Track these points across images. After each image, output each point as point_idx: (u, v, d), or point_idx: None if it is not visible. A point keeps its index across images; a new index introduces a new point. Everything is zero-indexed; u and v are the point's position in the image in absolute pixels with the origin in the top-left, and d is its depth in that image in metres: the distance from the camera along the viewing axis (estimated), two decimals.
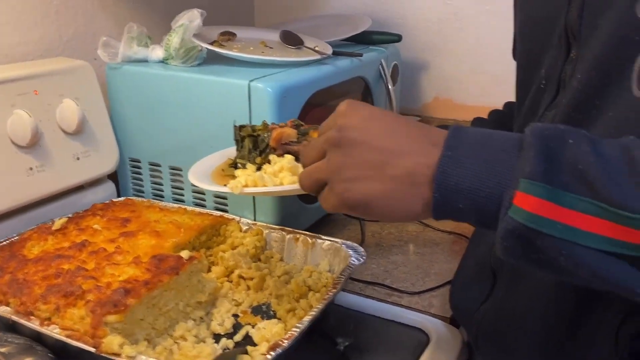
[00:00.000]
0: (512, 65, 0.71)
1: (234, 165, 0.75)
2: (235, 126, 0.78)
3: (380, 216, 0.48)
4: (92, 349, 0.59)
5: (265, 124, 0.77)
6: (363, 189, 0.47)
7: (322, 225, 1.02)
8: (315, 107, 0.95)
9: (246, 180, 0.66)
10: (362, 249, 0.79)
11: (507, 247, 0.42)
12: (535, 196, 0.39)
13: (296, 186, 0.66)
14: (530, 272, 0.58)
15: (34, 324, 0.63)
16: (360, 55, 1.06)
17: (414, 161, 0.45)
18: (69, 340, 0.60)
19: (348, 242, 0.81)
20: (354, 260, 0.77)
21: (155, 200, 0.95)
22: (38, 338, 0.64)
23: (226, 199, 0.93)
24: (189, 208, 0.91)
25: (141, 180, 1.00)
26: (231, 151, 0.78)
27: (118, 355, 0.58)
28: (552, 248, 0.40)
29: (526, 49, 0.67)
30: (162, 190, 0.99)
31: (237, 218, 0.89)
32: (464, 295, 0.71)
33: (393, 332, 0.76)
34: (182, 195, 0.97)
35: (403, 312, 0.78)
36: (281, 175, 0.66)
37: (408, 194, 0.46)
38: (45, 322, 0.63)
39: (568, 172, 0.40)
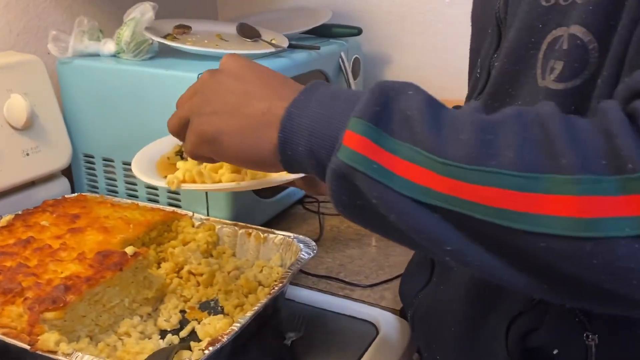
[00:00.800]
0: None
1: (180, 153, 0.74)
2: None
3: (229, 152, 0.49)
4: (27, 347, 0.58)
5: None
6: (217, 123, 0.49)
7: (280, 220, 1.02)
8: None
9: (184, 175, 0.65)
10: (313, 243, 0.79)
11: (333, 191, 0.42)
12: (359, 134, 0.40)
13: (234, 184, 0.66)
14: None
15: None
16: (318, 48, 1.06)
17: (270, 103, 0.47)
18: (4, 338, 0.59)
19: (300, 237, 0.81)
20: (304, 255, 0.77)
21: (108, 196, 0.94)
22: None
23: (179, 194, 0.93)
24: (142, 204, 0.90)
25: (95, 176, 0.99)
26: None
27: (54, 352, 0.57)
28: (367, 190, 0.39)
29: (474, 39, 0.68)
30: (116, 186, 0.97)
31: (190, 213, 0.88)
32: (408, 281, 0.72)
33: (343, 326, 0.76)
34: (136, 190, 0.96)
35: (353, 305, 0.78)
36: (220, 172, 0.65)
37: (257, 132, 0.47)
38: None
39: (396, 118, 0.40)
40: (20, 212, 0.83)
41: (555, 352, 0.50)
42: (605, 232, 0.33)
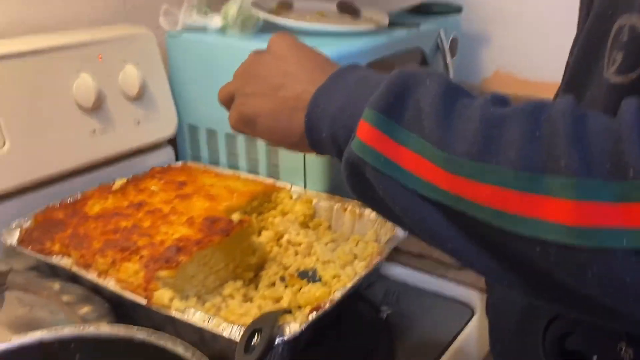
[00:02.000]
0: None
1: None
2: None
3: (264, 133, 0.52)
4: (143, 301, 0.62)
5: None
6: (256, 104, 0.51)
7: None
8: None
9: None
10: None
11: (347, 180, 0.42)
12: (371, 124, 0.39)
13: None
14: None
15: (91, 276, 0.67)
16: (417, 25, 1.05)
17: (304, 88, 0.47)
18: (122, 292, 0.64)
19: None
20: (399, 231, 0.77)
21: (211, 166, 0.98)
22: (96, 289, 0.68)
23: (278, 166, 0.95)
24: (243, 175, 0.93)
25: (199, 146, 1.03)
26: None
27: (168, 308, 0.61)
28: (375, 182, 0.39)
29: (579, 24, 0.65)
30: (218, 157, 1.01)
31: (288, 186, 0.91)
32: None
33: (437, 304, 0.76)
34: (237, 161, 0.99)
35: (449, 285, 0.78)
36: None
37: (290, 116, 0.49)
38: (102, 275, 0.67)
39: (409, 109, 0.38)
40: (130, 177, 0.89)
41: (594, 358, 0.48)
42: (601, 243, 0.30)
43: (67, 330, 0.50)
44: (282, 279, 0.76)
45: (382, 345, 0.68)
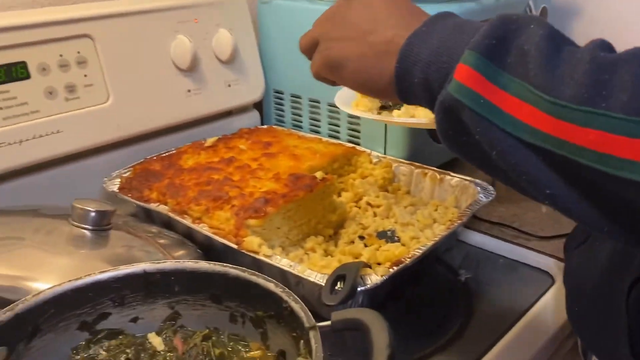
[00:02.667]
0: None
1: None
2: None
3: (351, 79, 0.50)
4: (235, 246, 0.66)
5: None
6: (342, 49, 0.50)
7: (450, 166, 1.02)
8: None
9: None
10: (491, 187, 0.79)
11: (439, 124, 0.41)
12: (470, 67, 0.38)
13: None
14: None
15: (187, 222, 0.71)
16: None
17: (395, 32, 0.46)
18: (215, 237, 0.68)
19: (477, 180, 0.81)
20: (482, 197, 0.77)
21: (294, 130, 1.01)
22: (189, 235, 0.73)
23: (359, 132, 0.97)
24: (324, 138, 0.96)
25: (283, 110, 1.06)
26: None
27: (256, 253, 0.65)
28: (472, 125, 0.38)
29: None
30: (301, 121, 1.04)
31: (368, 151, 0.93)
32: (573, 234, 0.70)
33: (516, 272, 0.76)
34: (319, 127, 1.02)
35: (529, 254, 0.78)
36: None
37: (379, 61, 0.47)
38: (196, 221, 0.72)
39: (512, 53, 0.37)
40: (220, 136, 0.93)
41: None
42: None
43: (169, 264, 0.55)
44: (361, 237, 0.78)
45: (460, 307, 0.69)
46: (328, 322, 0.46)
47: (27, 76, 0.75)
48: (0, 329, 0.46)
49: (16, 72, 0.74)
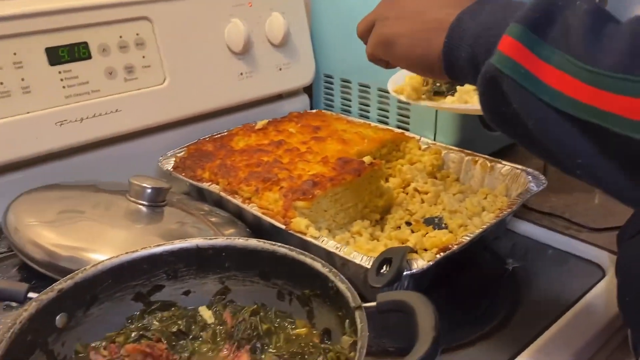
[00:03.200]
0: None
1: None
2: None
3: (402, 55, 0.52)
4: (283, 226, 0.67)
5: None
6: (396, 26, 0.52)
7: (501, 155, 1.01)
8: None
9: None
10: (543, 177, 0.78)
11: (481, 95, 0.42)
12: (515, 38, 0.39)
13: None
14: None
15: (237, 201, 0.73)
16: None
17: (447, 11, 0.47)
18: (264, 217, 0.69)
19: (529, 169, 0.80)
20: (533, 186, 0.76)
21: (343, 114, 1.01)
22: (239, 215, 0.75)
23: (409, 117, 0.96)
24: (373, 124, 0.96)
25: (332, 95, 1.07)
26: None
27: (303, 234, 0.66)
28: (511, 95, 0.39)
29: None
30: (350, 106, 1.05)
31: (417, 137, 0.92)
32: (628, 224, 0.68)
33: (566, 263, 0.74)
34: (368, 112, 1.02)
35: (579, 245, 0.76)
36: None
37: (429, 37, 0.49)
38: (246, 201, 0.73)
39: (555, 26, 0.38)
40: (270, 120, 0.95)
41: None
42: None
43: (221, 240, 0.57)
44: (408, 223, 0.78)
45: (506, 296, 0.68)
46: (373, 303, 0.47)
47: (89, 56, 0.78)
48: (61, 296, 0.49)
49: (78, 52, 0.77)
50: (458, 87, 0.72)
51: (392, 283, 0.52)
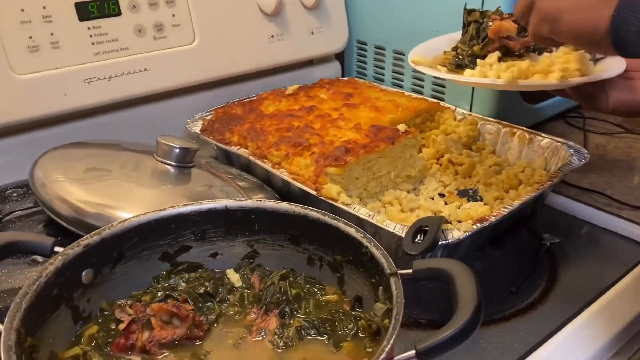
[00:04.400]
0: None
1: (455, 49, 0.74)
2: (464, 9, 0.75)
3: (567, 31, 0.51)
4: (314, 192, 0.65)
5: (499, 11, 0.73)
6: (559, 2, 0.51)
7: (539, 130, 0.97)
8: None
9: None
10: (585, 151, 0.74)
11: None
12: None
13: (506, 81, 0.64)
14: None
15: (266, 166, 0.71)
16: None
17: None
18: (294, 182, 0.67)
19: (570, 143, 0.76)
20: (574, 160, 0.73)
21: (375, 82, 0.98)
22: (267, 180, 0.73)
23: (444, 87, 0.93)
24: (407, 93, 0.93)
25: (365, 62, 1.04)
26: (458, 35, 0.76)
27: (335, 200, 0.64)
28: None
29: None
30: (383, 75, 1.01)
31: (453, 107, 0.89)
32: None
33: (606, 240, 0.71)
34: (402, 80, 0.99)
35: (620, 223, 0.73)
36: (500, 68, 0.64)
37: (596, 11, 0.48)
38: (276, 166, 0.71)
39: None
40: (301, 85, 0.92)
41: None
42: None
43: (250, 202, 0.55)
44: (441, 195, 0.76)
45: (543, 272, 0.65)
46: (409, 270, 0.45)
47: (118, 13, 0.76)
48: (87, 251, 0.48)
49: (108, 8, 0.75)
50: (479, 61, 0.69)
51: (429, 251, 0.50)
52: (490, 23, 0.71)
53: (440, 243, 0.56)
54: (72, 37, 0.73)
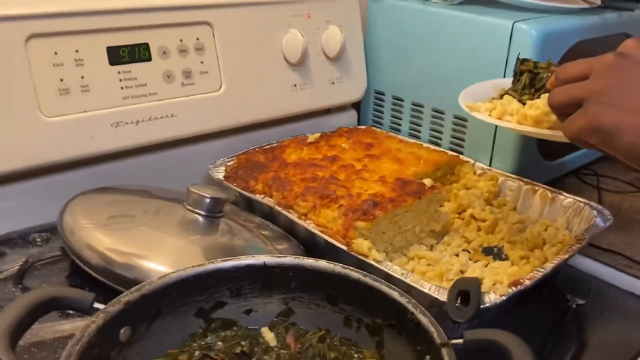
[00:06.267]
0: None
1: (502, 97, 0.74)
2: (518, 58, 0.74)
3: (623, 150, 0.48)
4: (344, 247, 0.65)
5: (550, 63, 0.74)
6: (617, 118, 0.47)
7: (553, 186, 0.98)
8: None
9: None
10: (608, 212, 0.75)
11: None
12: None
13: (549, 131, 0.64)
14: None
15: (293, 216, 0.71)
16: (632, 10, 0.97)
17: None
18: (323, 236, 0.67)
19: (592, 203, 0.77)
20: (599, 221, 0.73)
21: (393, 132, 0.99)
22: (290, 230, 0.73)
23: (464, 140, 0.94)
24: (425, 144, 0.93)
25: (382, 112, 1.05)
26: (504, 83, 0.76)
27: (366, 256, 0.63)
28: None
29: None
30: (400, 125, 1.02)
31: (472, 161, 0.89)
32: None
33: (631, 304, 0.71)
34: (419, 132, 1.00)
35: None
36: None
37: None
38: (302, 217, 0.71)
39: None
40: (321, 133, 0.92)
41: None
42: None
43: (289, 259, 0.54)
44: (465, 251, 0.75)
45: (572, 334, 0.65)
46: (460, 340, 0.44)
47: (149, 58, 0.76)
48: (127, 309, 0.47)
49: (139, 53, 0.75)
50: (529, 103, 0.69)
51: (475, 318, 0.49)
52: (548, 74, 0.71)
53: None
54: (102, 81, 0.73)
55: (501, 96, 0.72)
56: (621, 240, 0.84)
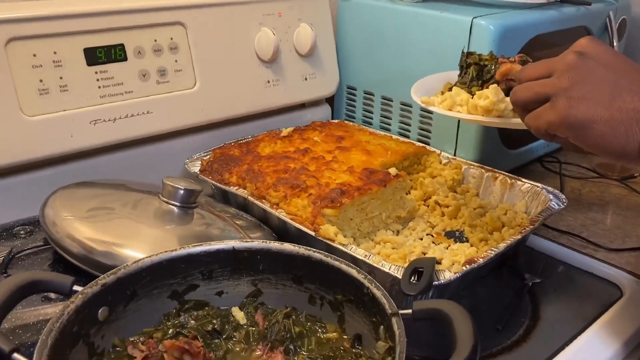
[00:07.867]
0: None
1: (450, 89, 0.79)
2: (463, 52, 0.79)
3: (593, 142, 0.50)
4: (312, 233, 0.69)
5: (492, 55, 0.78)
6: (588, 110, 0.49)
7: (518, 173, 1.02)
8: (532, 53, 0.94)
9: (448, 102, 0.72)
10: (563, 196, 0.80)
11: None
12: None
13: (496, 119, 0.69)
14: None
15: (265, 206, 0.75)
16: (589, 4, 1.02)
17: None
18: (293, 223, 0.71)
19: (549, 188, 0.81)
20: (554, 205, 0.78)
21: (364, 125, 1.03)
22: (264, 219, 0.77)
23: (430, 132, 0.98)
24: (394, 136, 0.98)
25: (354, 106, 1.09)
26: (451, 75, 0.81)
27: (332, 240, 0.67)
28: None
29: None
30: (372, 118, 1.06)
31: (438, 151, 0.94)
32: None
33: (583, 281, 0.76)
34: (389, 124, 1.04)
35: (596, 264, 0.78)
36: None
37: (629, 129, 0.48)
38: (274, 206, 0.75)
39: None
40: (294, 128, 0.96)
41: None
42: None
43: (256, 243, 0.58)
44: (429, 235, 0.80)
45: (526, 310, 0.69)
46: (409, 310, 0.48)
47: (125, 58, 0.80)
48: (104, 290, 0.50)
49: (115, 53, 0.79)
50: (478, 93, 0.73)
51: (425, 292, 0.54)
52: (496, 65, 0.75)
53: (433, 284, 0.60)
54: (80, 81, 0.76)
55: (449, 89, 0.77)
56: (579, 223, 0.89)
